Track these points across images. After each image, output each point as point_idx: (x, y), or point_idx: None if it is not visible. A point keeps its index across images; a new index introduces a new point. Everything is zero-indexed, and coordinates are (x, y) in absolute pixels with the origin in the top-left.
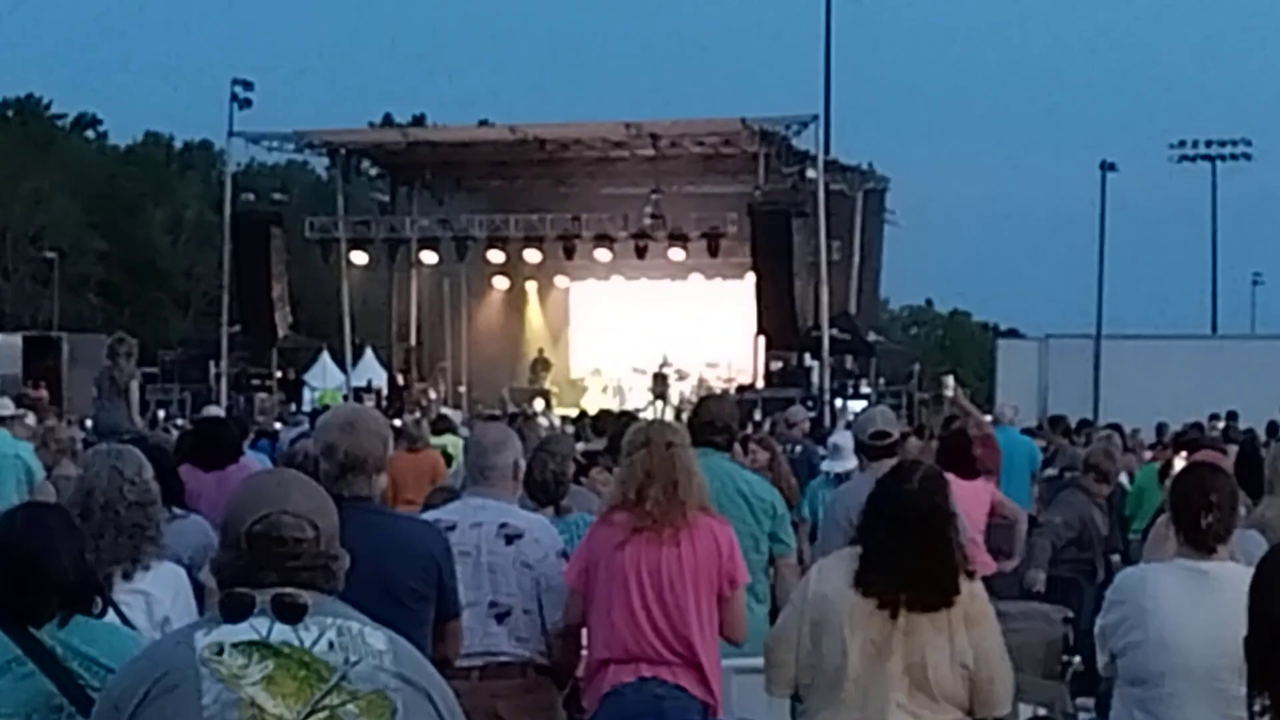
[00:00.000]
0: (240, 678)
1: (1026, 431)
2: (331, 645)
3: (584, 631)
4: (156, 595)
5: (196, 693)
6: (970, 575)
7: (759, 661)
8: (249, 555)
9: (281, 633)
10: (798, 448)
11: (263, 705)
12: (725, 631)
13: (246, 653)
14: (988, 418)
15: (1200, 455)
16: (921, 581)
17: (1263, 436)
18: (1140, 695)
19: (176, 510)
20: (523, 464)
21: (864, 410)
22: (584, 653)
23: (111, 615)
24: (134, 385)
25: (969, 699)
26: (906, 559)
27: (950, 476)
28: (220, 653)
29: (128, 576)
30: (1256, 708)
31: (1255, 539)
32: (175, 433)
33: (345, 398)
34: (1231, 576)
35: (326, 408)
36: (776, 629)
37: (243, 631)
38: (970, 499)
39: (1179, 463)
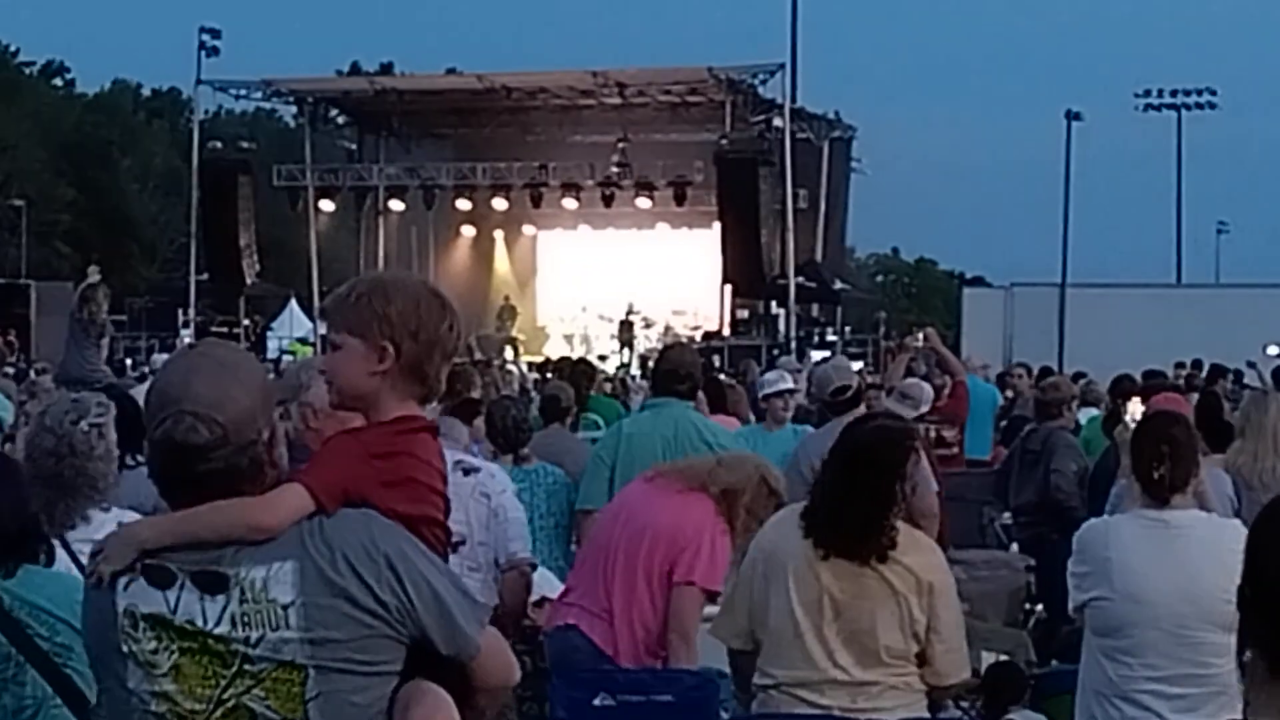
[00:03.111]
0: (153, 667)
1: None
2: (234, 621)
3: (533, 579)
4: None
5: (120, 677)
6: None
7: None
8: (159, 465)
9: (188, 607)
10: None
11: (175, 699)
12: (669, 623)
13: (155, 632)
14: None
15: (1159, 400)
16: (854, 526)
17: (1229, 385)
18: (1108, 645)
19: (140, 458)
20: (481, 427)
21: (819, 365)
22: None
23: (65, 564)
24: (107, 332)
25: (920, 663)
26: (844, 502)
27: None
28: (135, 626)
29: (84, 521)
30: (1246, 658)
31: (1223, 478)
32: (146, 382)
33: (314, 346)
34: (1192, 524)
35: (292, 353)
36: (734, 579)
37: (154, 600)
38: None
39: (1133, 408)
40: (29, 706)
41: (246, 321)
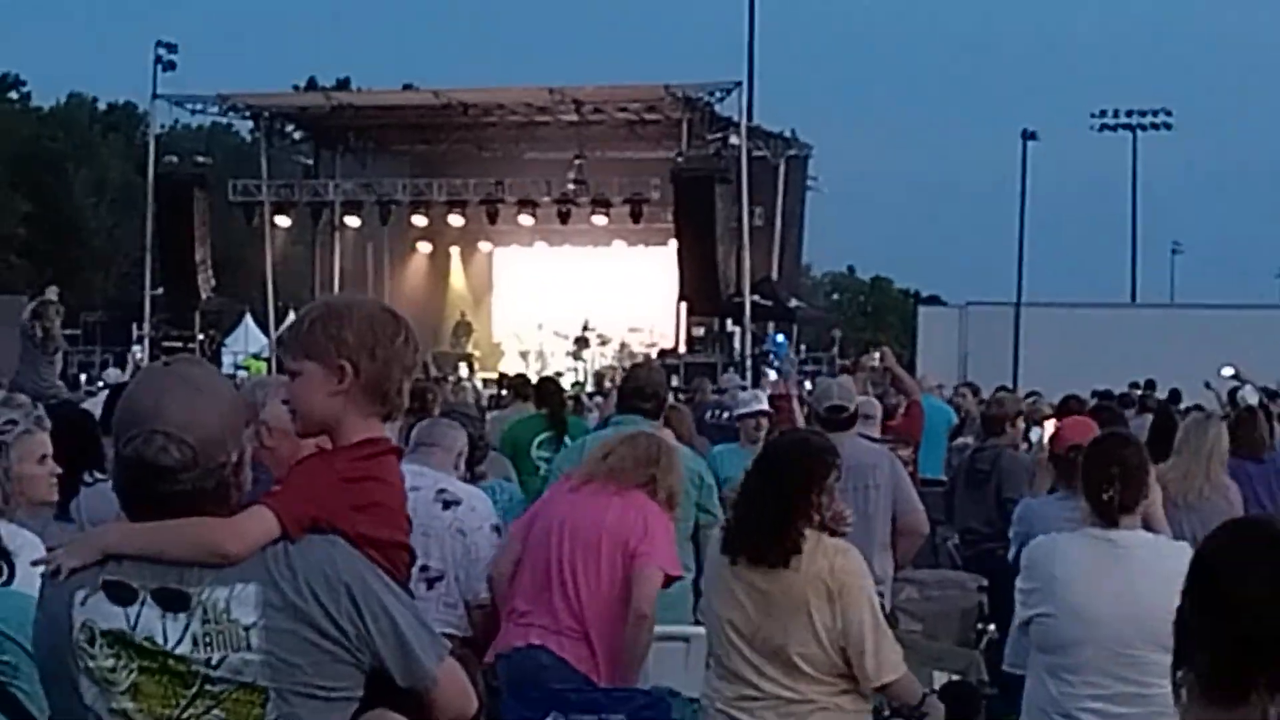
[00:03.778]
0: (111, 684)
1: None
2: (195, 641)
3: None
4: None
5: (77, 691)
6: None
7: (676, 629)
8: (126, 483)
9: (147, 624)
10: (725, 414)
11: (134, 717)
12: (633, 599)
13: (114, 649)
14: None
15: (1069, 421)
16: (757, 531)
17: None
18: (1052, 663)
19: (98, 475)
20: (465, 454)
21: (822, 379)
22: None
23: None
24: (61, 347)
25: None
26: (751, 509)
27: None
28: (92, 642)
29: None
30: (1179, 676)
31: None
32: (97, 395)
33: (268, 361)
34: (1139, 545)
35: (246, 368)
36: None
37: (113, 616)
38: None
39: (1049, 428)
40: None
41: (201, 336)
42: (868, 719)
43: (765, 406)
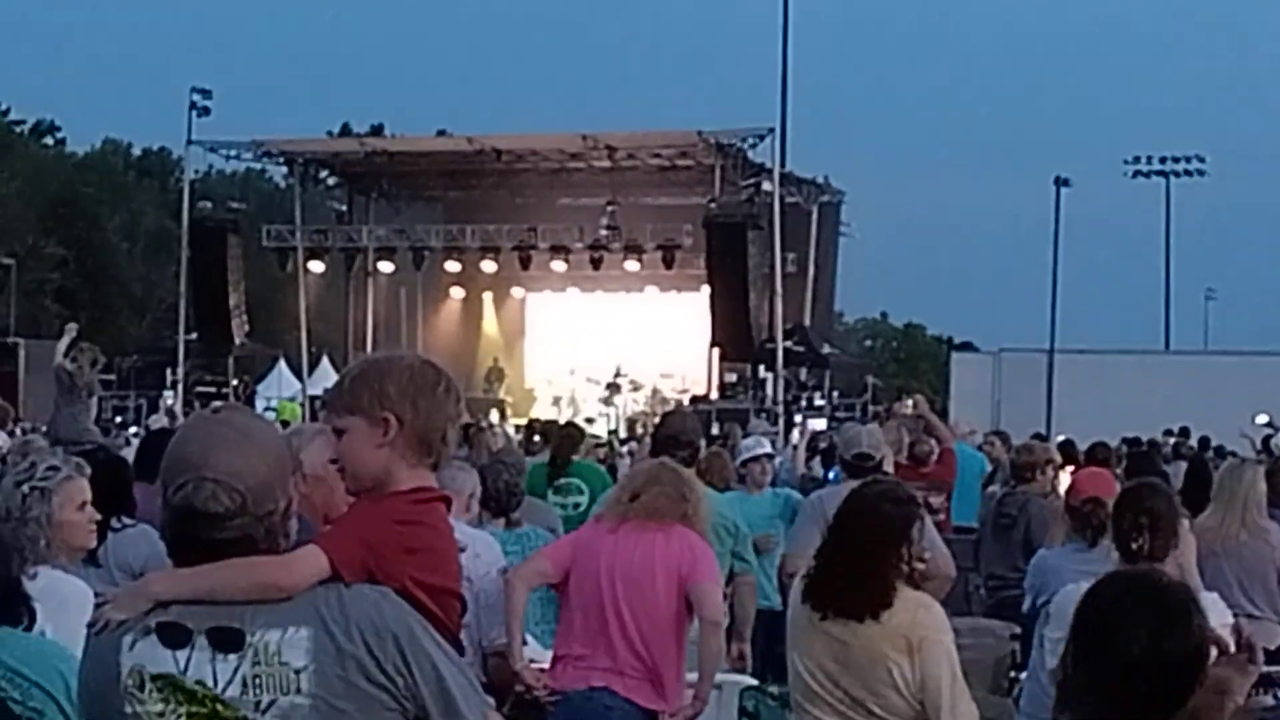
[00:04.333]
0: None
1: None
2: (245, 684)
3: (517, 649)
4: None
5: None
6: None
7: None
8: (174, 529)
9: (199, 669)
10: None
11: None
12: (701, 612)
13: (164, 694)
14: None
15: (1084, 473)
16: (845, 584)
17: (1206, 452)
18: None
19: (126, 520)
20: (478, 496)
21: (851, 426)
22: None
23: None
24: (95, 391)
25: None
26: (837, 565)
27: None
28: (141, 687)
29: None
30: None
31: None
32: (132, 441)
33: (302, 406)
34: None
35: (285, 423)
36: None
37: (163, 660)
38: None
39: (1065, 478)
40: None
41: (235, 381)
42: None
43: (769, 450)
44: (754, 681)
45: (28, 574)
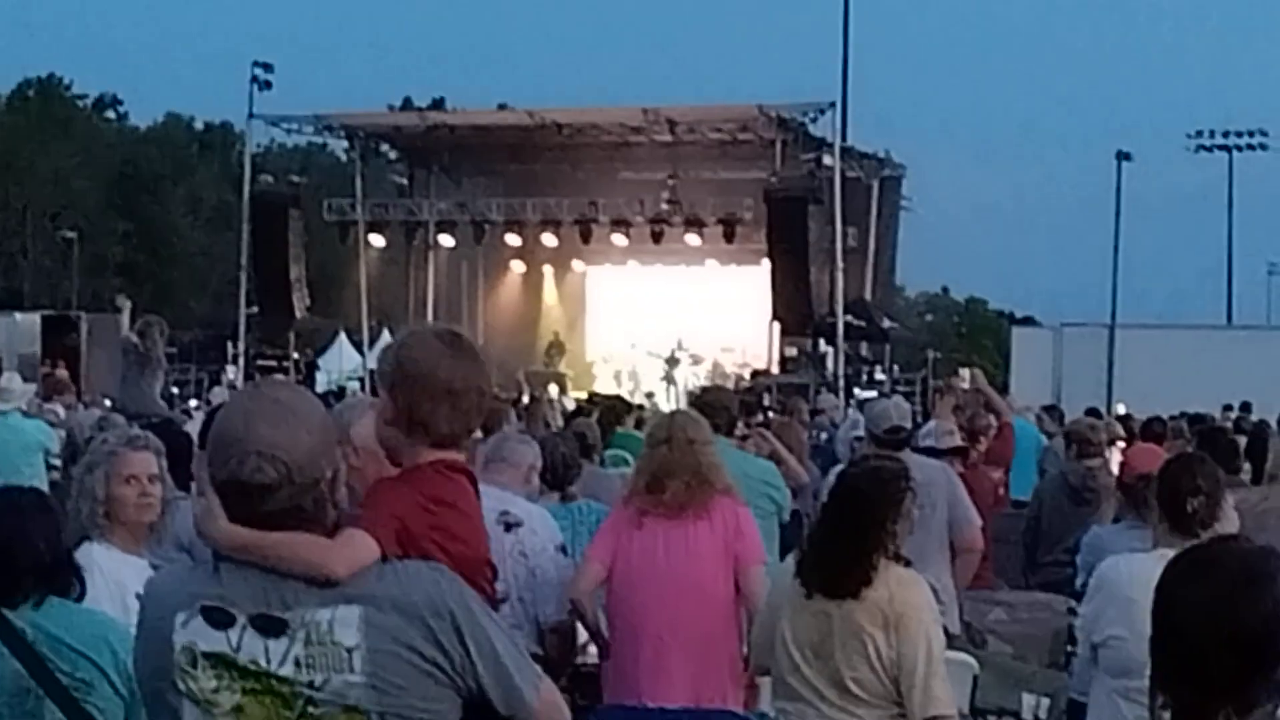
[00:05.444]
0: (214, 705)
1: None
2: (298, 663)
3: (577, 626)
4: None
5: (178, 715)
6: (905, 564)
7: None
8: (224, 504)
9: (251, 647)
10: (823, 435)
11: None
12: (748, 603)
13: (217, 671)
14: None
15: (1137, 449)
16: (833, 564)
17: (1274, 427)
18: (1125, 686)
19: (179, 493)
20: (538, 468)
21: (878, 401)
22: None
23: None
24: (163, 366)
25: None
26: (823, 541)
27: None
28: (194, 664)
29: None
30: (1159, 703)
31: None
32: (192, 414)
33: (361, 380)
34: None
35: (343, 390)
36: (760, 615)
37: (215, 639)
38: None
39: (1116, 454)
40: None
41: (296, 355)
42: None
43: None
44: None
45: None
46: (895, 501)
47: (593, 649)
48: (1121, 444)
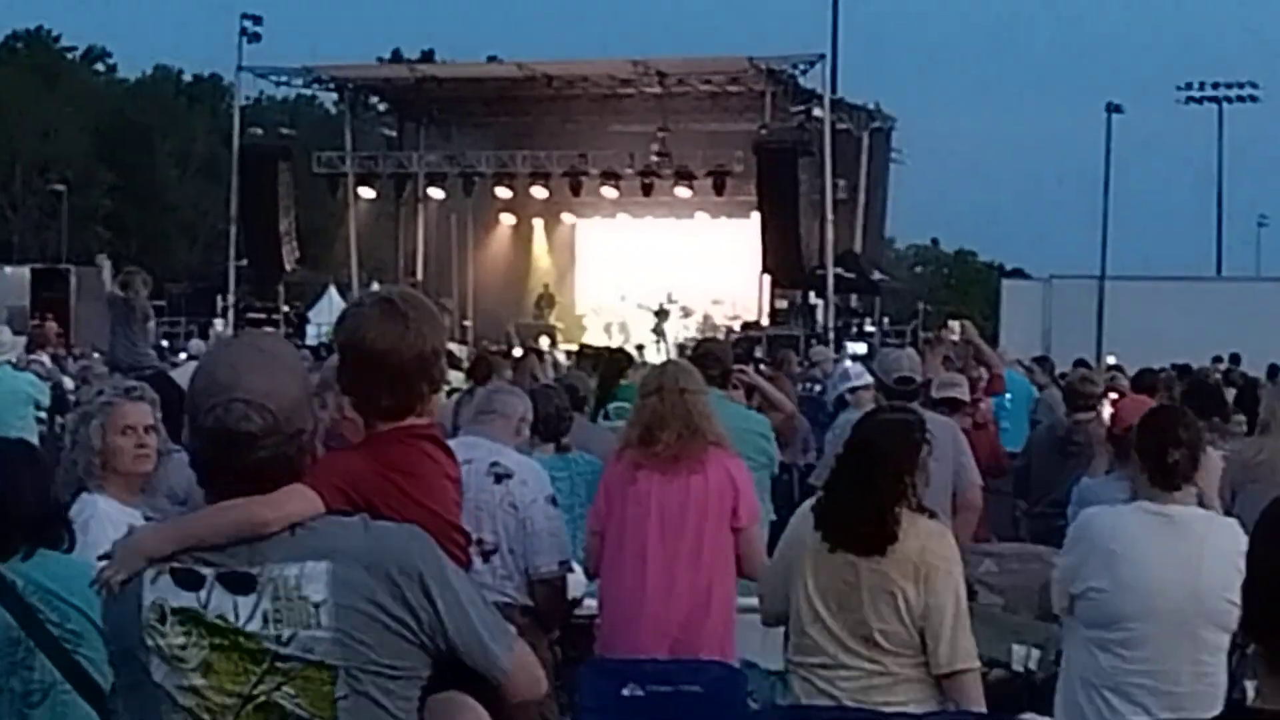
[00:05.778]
0: (181, 661)
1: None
2: (265, 618)
3: (568, 579)
4: None
5: (146, 670)
6: (931, 516)
7: (754, 601)
8: (205, 453)
9: (219, 604)
10: (817, 387)
11: (205, 694)
12: (743, 567)
13: (185, 627)
14: None
15: (1127, 402)
16: (857, 518)
17: (1263, 380)
18: (1102, 638)
19: (171, 445)
20: (529, 420)
21: (891, 350)
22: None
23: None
24: (150, 316)
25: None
26: (843, 495)
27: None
28: (162, 620)
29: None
30: (1250, 650)
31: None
32: (181, 366)
33: None
34: (1195, 520)
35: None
36: (768, 565)
37: (184, 596)
38: None
39: (1106, 407)
40: (36, 691)
41: (285, 308)
42: None
43: (869, 380)
44: None
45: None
46: (911, 453)
47: (589, 602)
48: (1114, 395)
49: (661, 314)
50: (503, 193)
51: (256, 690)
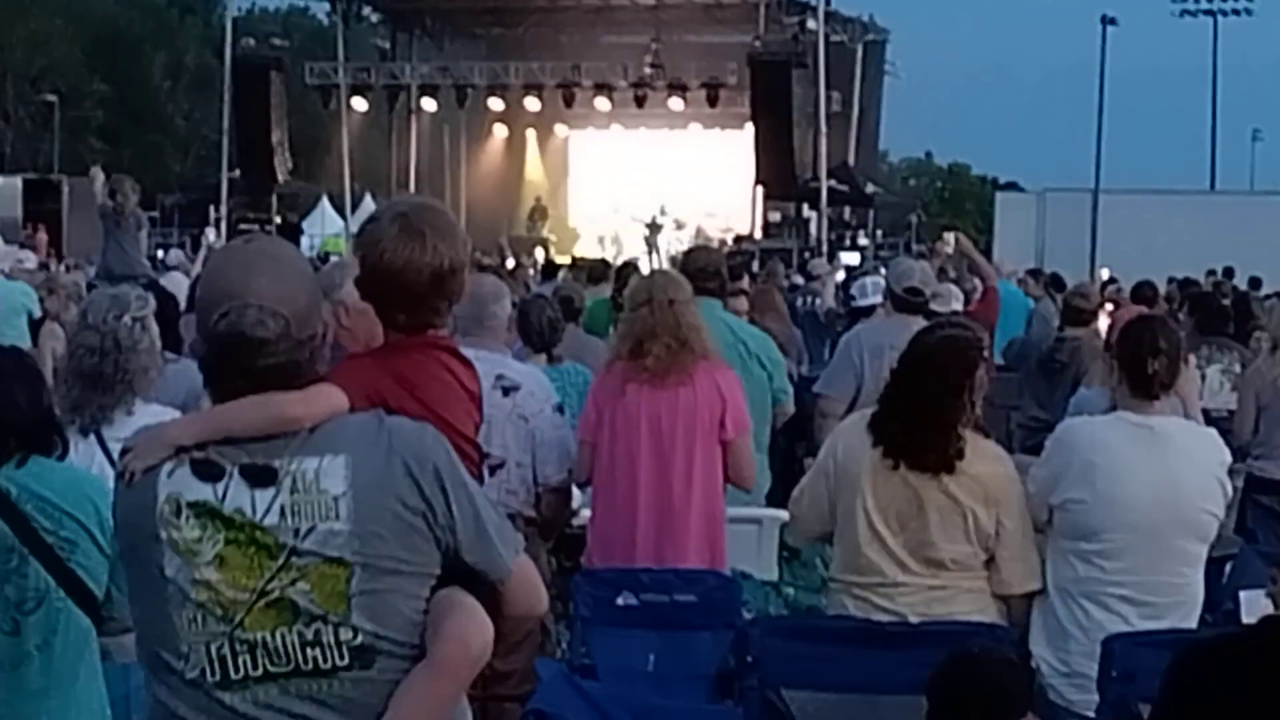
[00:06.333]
0: (195, 555)
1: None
2: (283, 512)
3: (573, 490)
4: None
5: (159, 566)
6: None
7: (747, 511)
8: (216, 358)
9: (237, 497)
10: (816, 300)
11: (217, 588)
12: (731, 476)
13: (200, 521)
14: None
15: (1126, 312)
16: (921, 437)
17: (1258, 291)
18: (1081, 549)
19: (169, 355)
20: (513, 320)
21: (903, 259)
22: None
23: (99, 461)
24: (142, 224)
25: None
26: (911, 413)
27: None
28: (177, 513)
29: (127, 414)
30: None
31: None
32: (163, 275)
33: (346, 243)
34: (1176, 432)
35: (327, 255)
36: (803, 484)
37: (201, 489)
38: None
39: (1104, 319)
40: (30, 599)
41: (278, 219)
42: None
43: (881, 298)
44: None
45: (144, 399)
46: (970, 370)
47: (584, 512)
48: (1110, 307)
49: (654, 227)
50: (495, 104)
51: (270, 585)
